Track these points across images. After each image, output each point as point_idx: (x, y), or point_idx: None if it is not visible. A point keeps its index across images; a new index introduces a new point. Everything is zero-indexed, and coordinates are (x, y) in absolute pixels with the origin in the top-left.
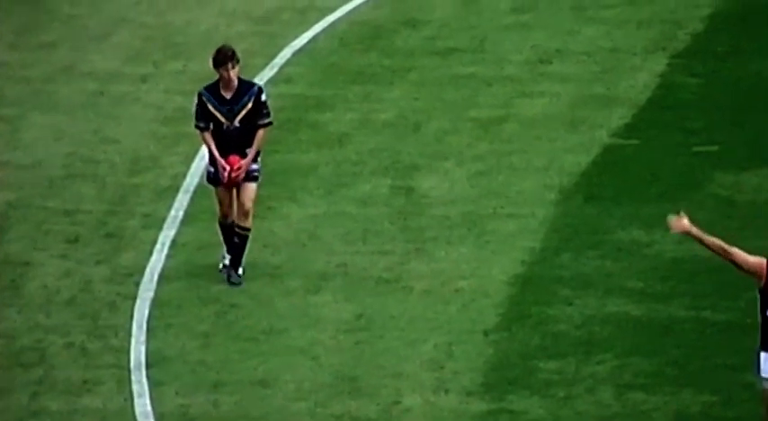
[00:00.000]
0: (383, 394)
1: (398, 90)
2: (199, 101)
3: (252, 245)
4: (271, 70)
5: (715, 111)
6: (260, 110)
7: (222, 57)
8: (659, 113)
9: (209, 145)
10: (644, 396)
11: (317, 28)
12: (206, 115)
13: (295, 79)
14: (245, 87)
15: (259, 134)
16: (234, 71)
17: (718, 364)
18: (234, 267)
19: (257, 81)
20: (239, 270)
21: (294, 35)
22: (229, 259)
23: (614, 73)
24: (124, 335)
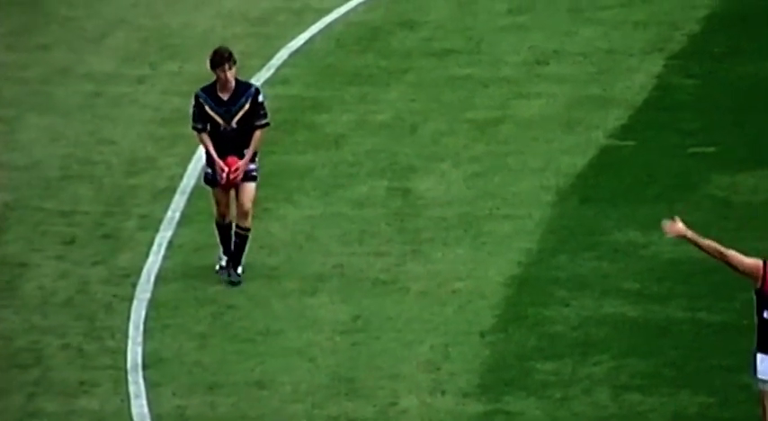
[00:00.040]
0: (380, 395)
1: (395, 91)
2: (196, 102)
3: (248, 246)
4: (267, 71)
5: (712, 112)
6: (257, 111)
7: (219, 58)
8: (656, 114)
9: (206, 146)
10: (640, 397)
11: (314, 29)
12: (203, 116)
13: (291, 80)
14: (242, 88)
15: (256, 135)
16: (231, 72)
17: (714, 365)
18: (234, 266)
19: (254, 82)
20: (239, 269)
21: (290, 36)
22: (226, 260)
23: (611, 74)
24: (121, 336)
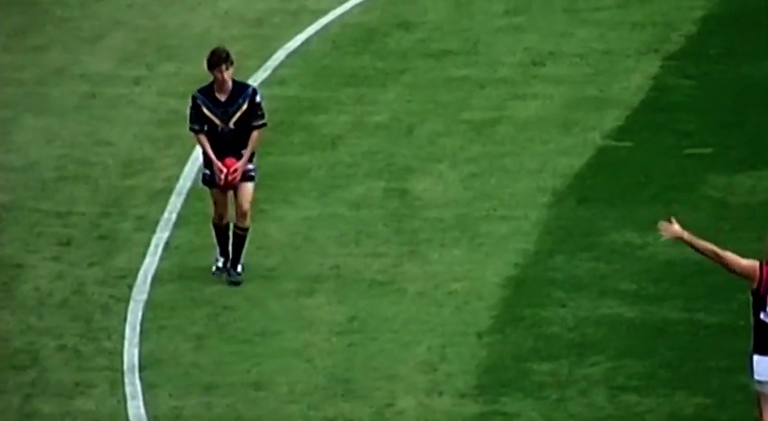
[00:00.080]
0: (376, 396)
1: (391, 92)
2: (193, 103)
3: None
4: (264, 72)
5: (708, 113)
6: (254, 111)
7: (216, 58)
8: (652, 115)
9: (204, 147)
10: (637, 398)
11: (310, 30)
12: (200, 117)
13: (288, 81)
14: (239, 89)
15: (253, 135)
16: (228, 73)
17: (711, 366)
18: (233, 265)
19: (250, 83)
20: (238, 267)
21: (287, 37)
22: (223, 261)
23: (607, 75)
24: (117, 337)
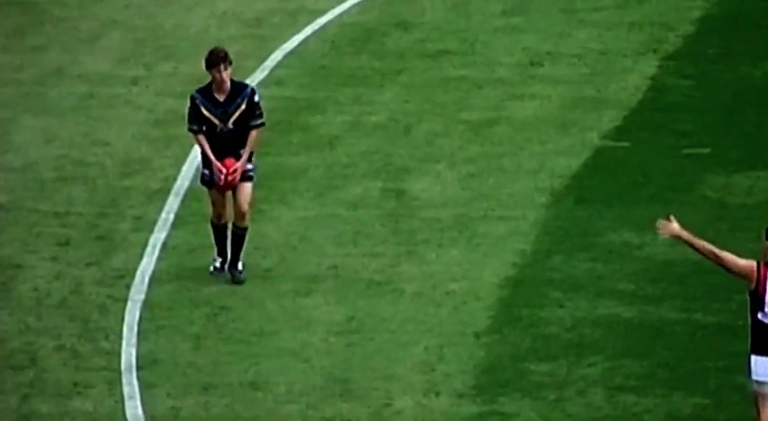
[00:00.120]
0: (374, 396)
1: (389, 92)
2: (192, 104)
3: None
4: (261, 73)
5: (706, 113)
6: (253, 111)
7: (215, 58)
8: (650, 115)
9: (203, 147)
10: (635, 398)
11: (308, 30)
12: (199, 118)
13: (286, 82)
14: (237, 89)
15: (252, 135)
16: (227, 73)
17: (709, 367)
18: (234, 265)
19: (245, 82)
20: (239, 265)
21: (285, 38)
22: (221, 261)
23: (605, 75)
24: (115, 337)
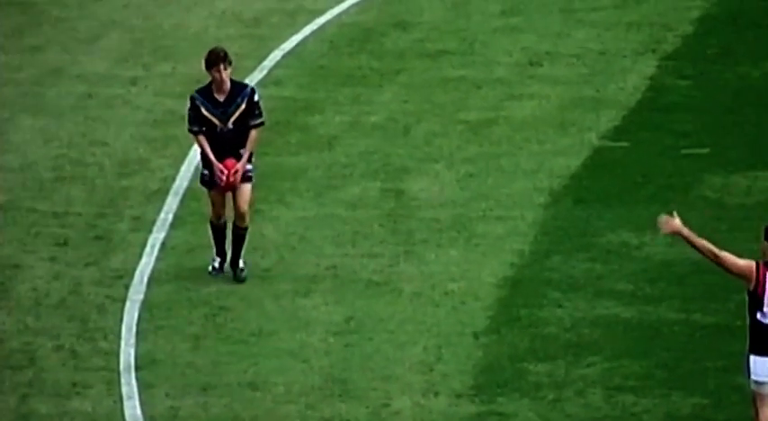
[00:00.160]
0: (372, 397)
1: (388, 92)
2: (192, 105)
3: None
4: (260, 73)
5: (705, 113)
6: (253, 111)
7: (215, 58)
8: (649, 116)
9: (203, 148)
10: (634, 398)
11: (307, 30)
12: (199, 119)
13: (284, 82)
14: (237, 89)
15: (252, 135)
16: (226, 72)
17: (707, 367)
18: (235, 263)
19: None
20: (240, 263)
21: (283, 38)
22: (219, 261)
23: (604, 75)
24: (113, 337)
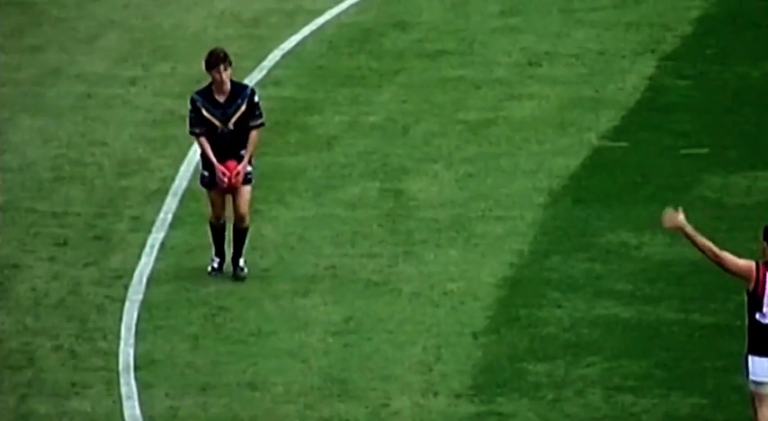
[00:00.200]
0: (372, 397)
1: (387, 93)
2: (193, 107)
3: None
4: (259, 73)
5: (704, 113)
6: (253, 111)
7: (215, 59)
8: (648, 116)
9: (205, 150)
10: (633, 398)
11: (306, 31)
12: (200, 120)
13: (284, 82)
14: (237, 90)
15: (252, 136)
16: (227, 73)
17: (707, 367)
18: (236, 261)
19: (245, 83)
20: (240, 262)
21: (283, 38)
22: (218, 261)
23: (603, 75)
24: (113, 337)
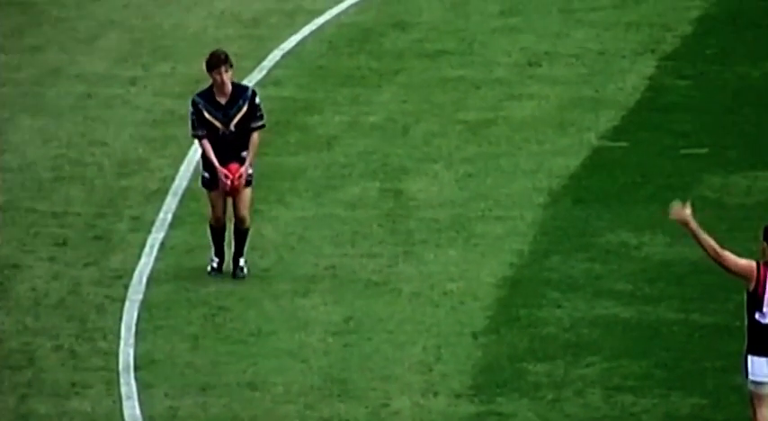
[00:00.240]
0: (372, 397)
1: (387, 93)
2: (194, 108)
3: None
4: (259, 73)
5: (704, 113)
6: (254, 112)
7: (216, 60)
8: (648, 116)
9: (207, 152)
10: (633, 398)
11: (306, 31)
12: (202, 122)
13: (284, 82)
14: (238, 91)
15: (254, 137)
16: (228, 75)
17: (706, 367)
18: (237, 260)
19: (246, 84)
20: (241, 261)
21: (282, 38)
22: (218, 261)
23: (603, 75)
24: (113, 337)
